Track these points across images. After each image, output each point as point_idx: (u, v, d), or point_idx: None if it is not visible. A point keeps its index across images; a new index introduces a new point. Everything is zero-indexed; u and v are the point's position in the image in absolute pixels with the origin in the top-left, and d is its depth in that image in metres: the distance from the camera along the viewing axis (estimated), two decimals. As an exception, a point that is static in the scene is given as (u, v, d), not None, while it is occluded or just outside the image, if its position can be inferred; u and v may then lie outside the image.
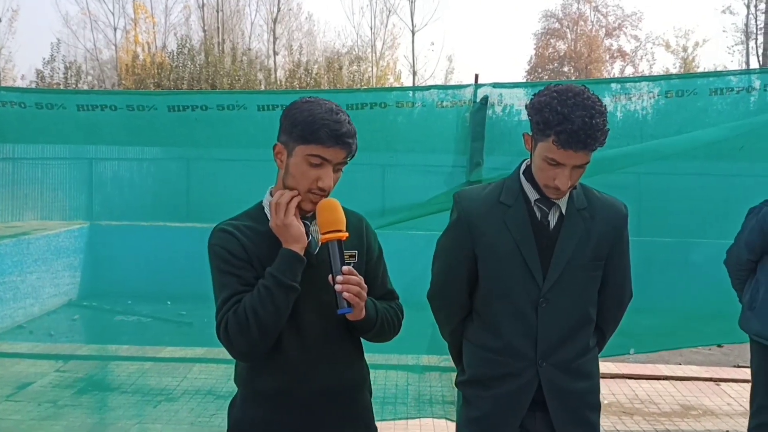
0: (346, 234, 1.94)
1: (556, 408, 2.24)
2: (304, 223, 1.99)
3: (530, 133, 2.19)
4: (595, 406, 2.34)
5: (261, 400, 2.03)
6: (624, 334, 4.22)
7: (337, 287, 1.88)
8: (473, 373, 2.36)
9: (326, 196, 1.99)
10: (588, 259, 2.25)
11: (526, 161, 2.31)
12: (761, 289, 3.55)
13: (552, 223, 2.24)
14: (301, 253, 1.94)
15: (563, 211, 2.25)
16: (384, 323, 2.09)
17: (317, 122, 1.93)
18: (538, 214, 2.25)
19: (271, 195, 2.05)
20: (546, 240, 2.23)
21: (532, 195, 2.25)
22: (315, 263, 1.99)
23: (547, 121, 2.06)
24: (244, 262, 1.98)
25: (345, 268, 1.91)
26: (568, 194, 2.24)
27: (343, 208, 2.01)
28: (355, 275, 1.92)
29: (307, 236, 1.99)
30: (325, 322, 2.01)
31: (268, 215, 2.03)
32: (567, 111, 2.02)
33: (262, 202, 2.09)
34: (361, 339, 2.16)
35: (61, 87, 25.39)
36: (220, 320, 1.94)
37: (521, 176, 2.29)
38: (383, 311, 2.10)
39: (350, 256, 2.02)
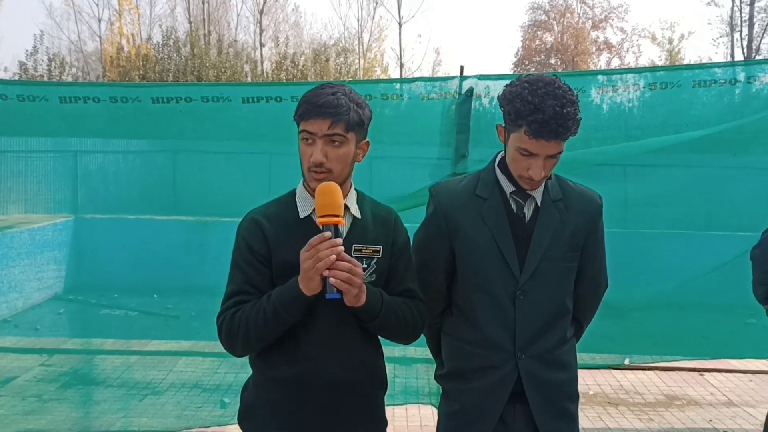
0: (342, 220, 1.91)
1: (536, 399, 2.25)
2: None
3: (503, 125, 2.19)
4: (574, 397, 2.36)
5: (273, 384, 2.05)
6: (618, 342, 4.23)
7: (324, 272, 1.86)
8: (452, 366, 2.36)
9: (326, 172, 1.98)
10: (564, 250, 2.25)
11: (501, 153, 2.30)
12: None
13: (528, 215, 2.25)
14: (310, 295, 1.90)
15: (538, 203, 2.25)
16: (392, 316, 2.05)
17: (302, 100, 1.97)
18: (514, 207, 2.25)
19: (304, 185, 2.07)
20: (522, 232, 2.24)
21: (508, 187, 2.25)
22: None
23: (519, 111, 2.06)
24: (257, 260, 2.01)
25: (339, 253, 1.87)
26: (542, 185, 2.25)
27: (374, 201, 2.05)
28: (348, 261, 1.87)
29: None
30: (339, 313, 2.00)
31: (298, 205, 2.06)
32: (538, 101, 2.02)
33: (295, 189, 2.11)
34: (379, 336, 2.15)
35: (45, 79, 25.12)
36: (220, 316, 2.00)
37: (496, 168, 2.29)
38: (393, 304, 2.06)
39: (374, 251, 2.05)
